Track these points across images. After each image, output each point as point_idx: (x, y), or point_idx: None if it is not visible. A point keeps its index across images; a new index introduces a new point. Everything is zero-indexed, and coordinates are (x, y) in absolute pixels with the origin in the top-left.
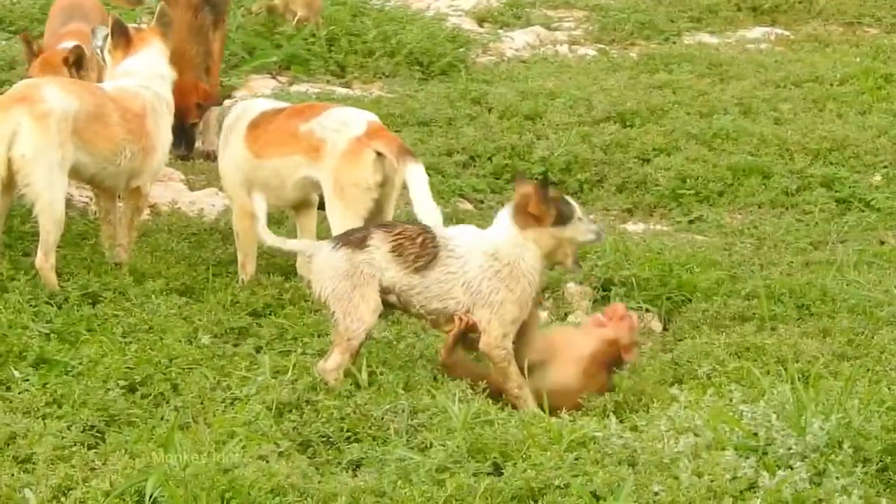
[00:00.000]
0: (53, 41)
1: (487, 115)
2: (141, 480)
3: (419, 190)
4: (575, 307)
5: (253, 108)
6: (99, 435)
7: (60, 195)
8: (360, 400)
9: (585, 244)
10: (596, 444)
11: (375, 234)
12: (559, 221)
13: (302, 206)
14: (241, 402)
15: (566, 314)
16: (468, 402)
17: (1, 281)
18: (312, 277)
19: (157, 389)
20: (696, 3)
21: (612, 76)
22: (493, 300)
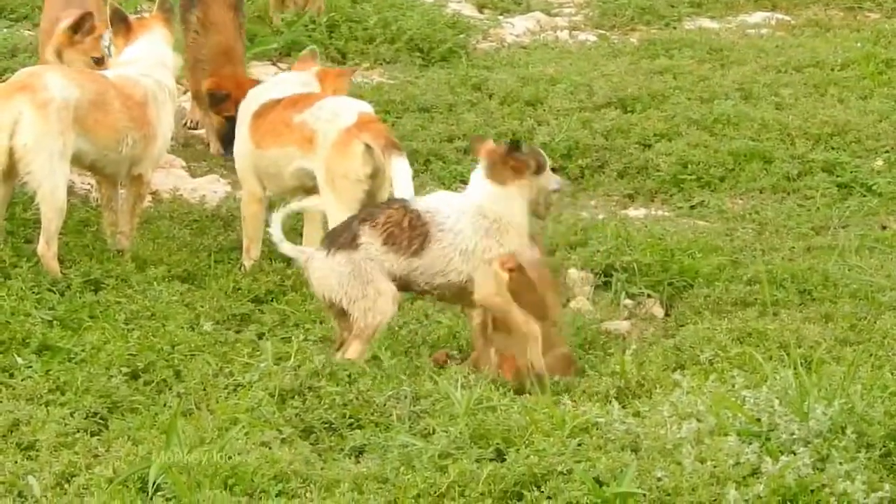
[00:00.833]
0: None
1: (488, 101)
2: (144, 467)
3: (402, 185)
4: (576, 293)
5: (258, 96)
6: (102, 422)
7: (62, 183)
8: (362, 386)
9: (553, 193)
10: (599, 429)
11: (363, 230)
12: (537, 170)
13: (304, 193)
14: (243, 388)
15: (568, 300)
16: (470, 388)
17: (3, 268)
18: (316, 287)
19: (159, 376)
20: None
21: (612, 62)
22: (488, 258)
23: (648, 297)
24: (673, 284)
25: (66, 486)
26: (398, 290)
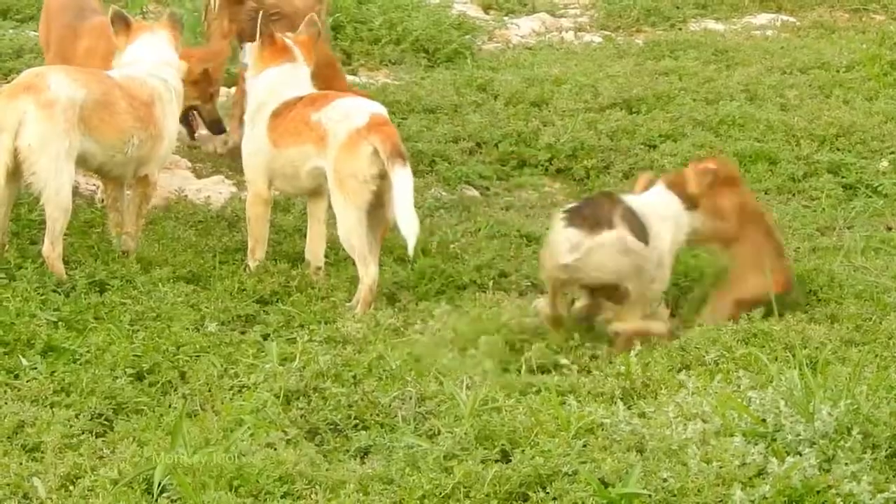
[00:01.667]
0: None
1: (493, 101)
2: (149, 469)
3: (402, 197)
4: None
5: (277, 96)
6: (107, 423)
7: (67, 184)
8: (367, 387)
9: None
10: (604, 430)
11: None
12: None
13: (314, 192)
14: (248, 389)
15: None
16: (476, 388)
17: (8, 269)
18: (586, 272)
19: (164, 377)
20: None
21: (617, 63)
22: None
23: None
24: (678, 285)
25: (71, 487)
26: None
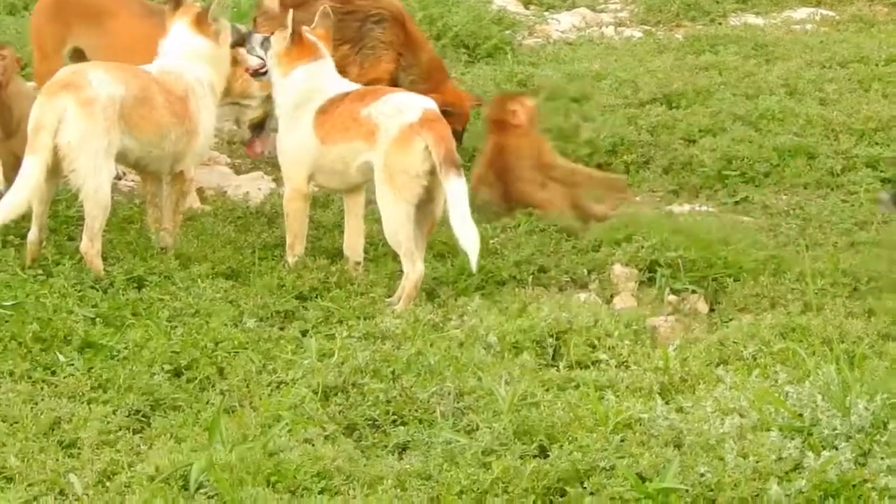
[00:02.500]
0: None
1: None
2: (186, 465)
3: (458, 210)
4: (621, 289)
5: (322, 90)
6: (144, 419)
7: (106, 181)
8: (406, 383)
9: None
10: (642, 425)
11: None
12: None
13: (354, 188)
14: (286, 385)
15: (611, 295)
16: (515, 383)
17: (46, 265)
18: None
19: (202, 373)
20: None
21: (657, 58)
22: None
23: (693, 292)
24: (717, 280)
25: (107, 483)
26: None
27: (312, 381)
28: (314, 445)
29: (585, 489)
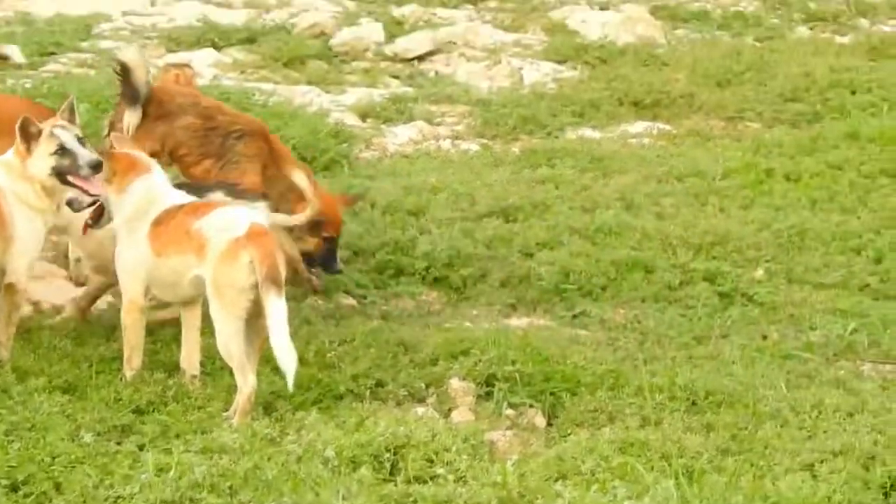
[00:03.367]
0: None
1: (371, 210)
2: None
3: (277, 330)
4: (459, 403)
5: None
6: None
7: None
8: (244, 497)
9: None
10: None
11: None
12: None
13: (189, 301)
14: (124, 500)
15: (449, 410)
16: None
17: None
18: None
19: (39, 488)
20: (578, 98)
21: (494, 171)
22: None
23: (531, 406)
24: (555, 394)
25: None
26: None
27: (150, 496)
28: None
29: None
